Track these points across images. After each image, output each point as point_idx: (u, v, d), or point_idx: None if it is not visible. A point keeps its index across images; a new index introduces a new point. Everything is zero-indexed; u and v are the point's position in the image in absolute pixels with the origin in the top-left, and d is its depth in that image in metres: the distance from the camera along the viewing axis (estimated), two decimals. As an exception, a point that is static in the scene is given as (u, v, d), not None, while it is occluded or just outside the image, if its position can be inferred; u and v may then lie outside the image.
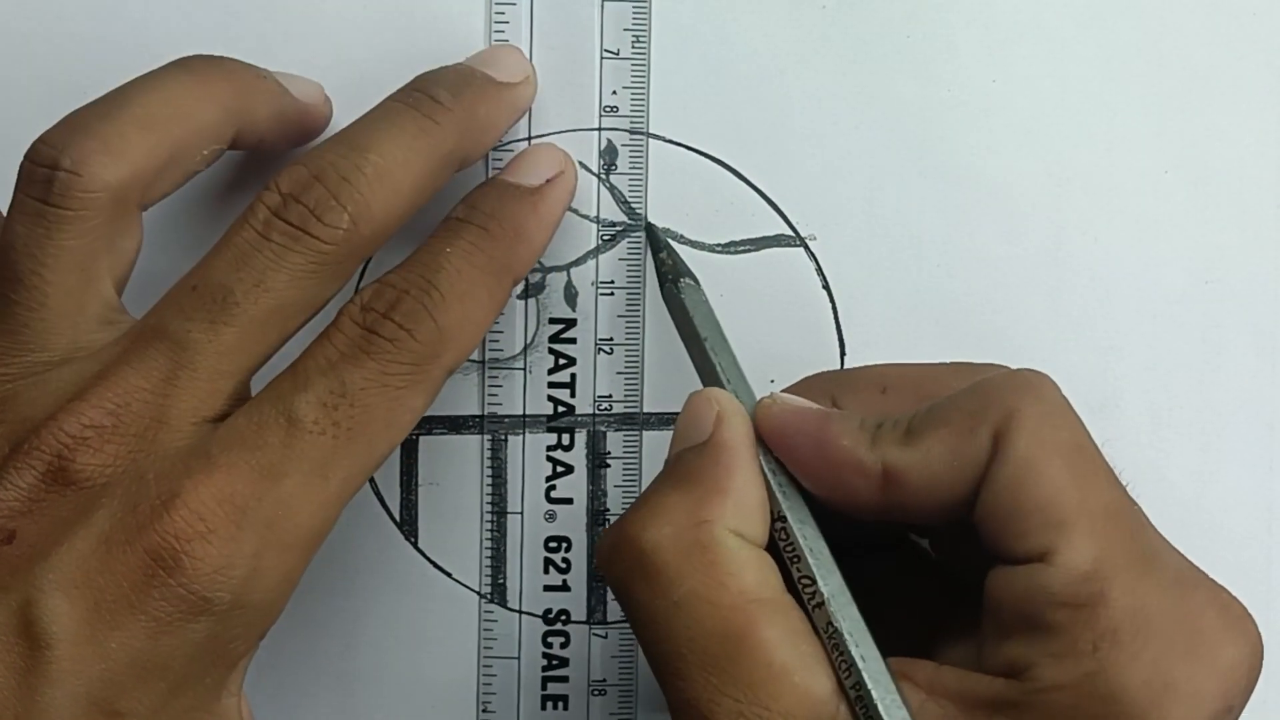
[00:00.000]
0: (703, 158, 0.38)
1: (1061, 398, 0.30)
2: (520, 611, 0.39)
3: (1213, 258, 0.39)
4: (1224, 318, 0.39)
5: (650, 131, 0.38)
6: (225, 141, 0.34)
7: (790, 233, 0.39)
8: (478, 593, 0.39)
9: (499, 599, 0.39)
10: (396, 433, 0.32)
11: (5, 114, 0.38)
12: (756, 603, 0.29)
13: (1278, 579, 0.39)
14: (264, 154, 0.37)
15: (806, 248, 0.39)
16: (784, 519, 0.31)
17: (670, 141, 0.38)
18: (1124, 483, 0.30)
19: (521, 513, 0.39)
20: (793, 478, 0.32)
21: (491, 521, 0.39)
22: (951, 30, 0.38)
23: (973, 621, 0.31)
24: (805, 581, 0.30)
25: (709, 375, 0.34)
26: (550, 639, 0.39)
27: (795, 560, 0.31)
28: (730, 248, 0.39)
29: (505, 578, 0.39)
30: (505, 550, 0.39)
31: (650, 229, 0.38)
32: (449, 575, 0.39)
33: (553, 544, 0.39)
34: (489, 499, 0.39)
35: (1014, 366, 0.33)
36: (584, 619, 0.39)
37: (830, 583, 0.30)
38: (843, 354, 0.39)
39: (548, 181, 0.36)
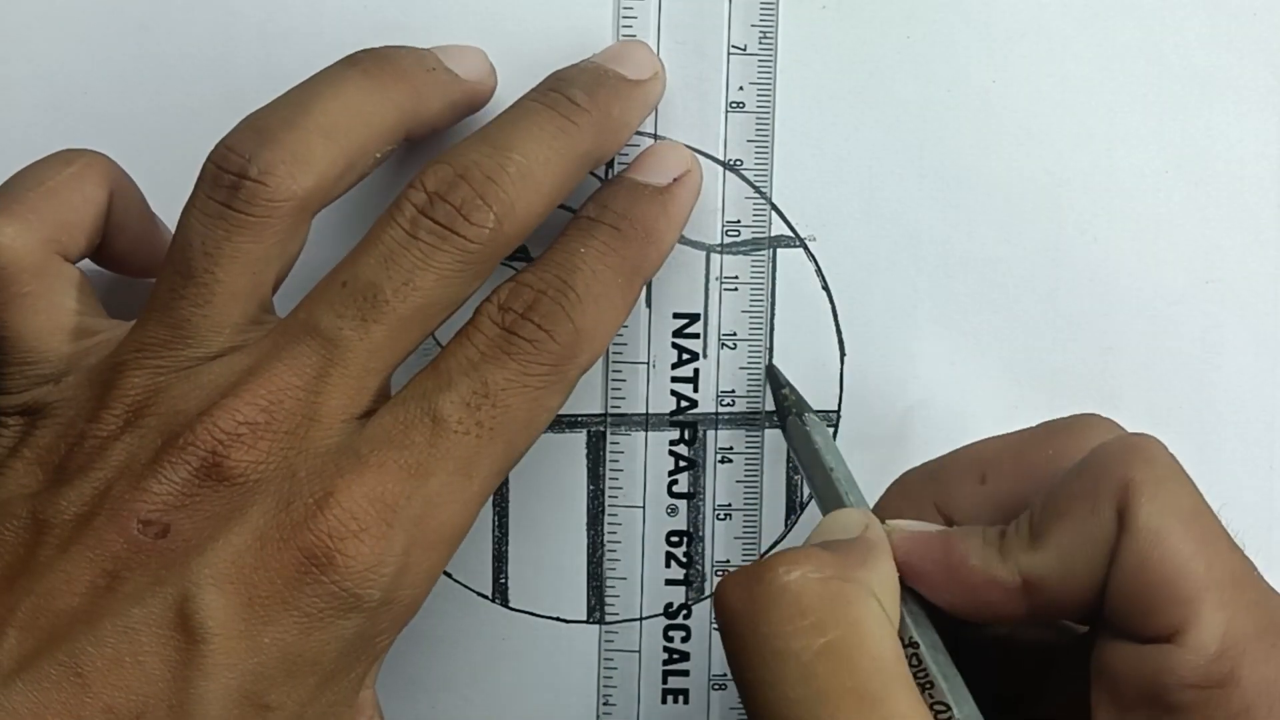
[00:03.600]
0: (703, 157, 0.38)
1: (1173, 460, 0.29)
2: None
3: (1212, 258, 0.39)
4: (1224, 318, 0.39)
5: (650, 132, 0.38)
6: (399, 142, 0.34)
7: (790, 233, 0.39)
8: (476, 592, 0.39)
9: (500, 599, 0.39)
10: (534, 432, 0.32)
11: (6, 114, 0.38)
12: (895, 675, 0.28)
13: (1278, 578, 0.39)
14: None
15: (806, 248, 0.39)
16: (916, 644, 0.30)
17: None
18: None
19: (643, 507, 0.39)
20: (919, 602, 0.31)
21: (494, 522, 0.39)
22: (951, 30, 0.38)
23: (1070, 689, 0.30)
24: (940, 708, 0.30)
25: (835, 505, 0.34)
26: (671, 633, 0.39)
27: (928, 686, 0.30)
28: (730, 248, 0.39)
29: (506, 578, 0.39)
30: (507, 550, 0.39)
31: (771, 369, 0.38)
32: (449, 576, 0.39)
33: (674, 538, 0.39)
34: (491, 499, 0.39)
35: (1086, 411, 0.33)
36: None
37: (965, 710, 0.30)
38: (842, 354, 0.39)
39: (675, 180, 0.36)
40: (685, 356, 0.39)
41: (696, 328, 0.39)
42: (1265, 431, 0.39)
